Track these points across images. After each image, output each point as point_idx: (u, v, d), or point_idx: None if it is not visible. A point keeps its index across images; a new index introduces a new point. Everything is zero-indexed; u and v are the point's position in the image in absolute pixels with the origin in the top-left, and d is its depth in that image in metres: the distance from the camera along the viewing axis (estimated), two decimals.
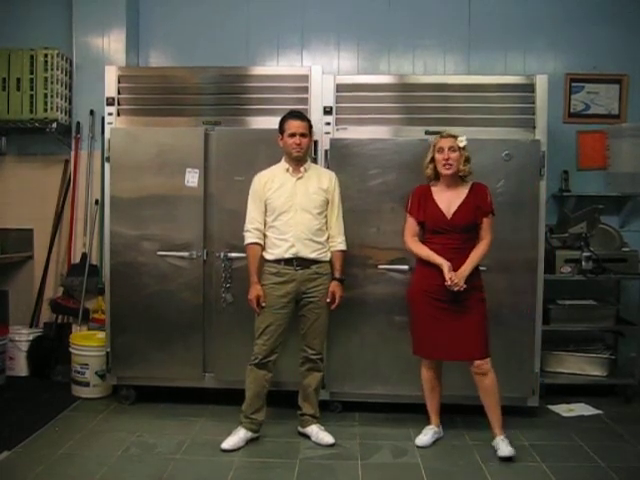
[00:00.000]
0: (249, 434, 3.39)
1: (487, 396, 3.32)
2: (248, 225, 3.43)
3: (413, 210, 3.40)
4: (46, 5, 4.69)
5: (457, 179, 3.34)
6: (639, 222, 4.58)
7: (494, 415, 3.32)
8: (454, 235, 3.28)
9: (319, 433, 3.44)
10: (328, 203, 3.45)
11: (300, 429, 3.52)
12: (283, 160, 3.46)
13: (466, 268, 3.24)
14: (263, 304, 3.36)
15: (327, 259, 3.45)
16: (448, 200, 3.32)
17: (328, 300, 3.43)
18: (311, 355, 3.46)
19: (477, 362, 3.27)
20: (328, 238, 3.46)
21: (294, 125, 3.37)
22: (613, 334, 4.44)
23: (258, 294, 3.35)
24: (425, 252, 3.33)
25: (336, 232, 3.48)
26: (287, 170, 3.42)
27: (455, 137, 3.31)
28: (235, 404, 3.55)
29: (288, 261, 3.36)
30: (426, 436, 3.43)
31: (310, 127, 3.46)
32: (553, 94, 3.92)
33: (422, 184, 3.45)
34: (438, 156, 3.32)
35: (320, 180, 3.44)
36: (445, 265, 3.22)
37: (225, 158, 3.82)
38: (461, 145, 3.29)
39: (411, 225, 3.42)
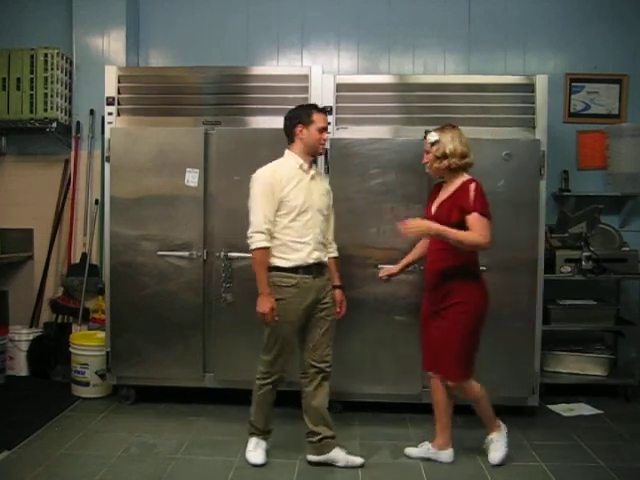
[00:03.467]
0: (266, 446, 3.21)
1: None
2: (261, 225, 3.00)
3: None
4: (46, 5, 4.70)
5: (449, 175, 3.11)
6: (639, 222, 4.58)
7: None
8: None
9: (347, 456, 3.14)
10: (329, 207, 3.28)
11: (316, 457, 3.15)
12: (291, 155, 3.12)
13: (436, 227, 2.95)
14: (276, 318, 3.01)
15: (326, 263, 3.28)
16: (440, 198, 3.15)
17: (338, 309, 3.29)
18: (326, 368, 3.16)
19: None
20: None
21: (324, 119, 3.11)
22: (613, 334, 4.44)
23: (273, 306, 2.99)
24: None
25: (332, 238, 3.31)
26: (301, 167, 3.09)
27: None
28: (235, 404, 3.55)
29: (307, 269, 3.05)
30: (415, 449, 3.28)
31: None
32: (553, 94, 3.93)
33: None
34: None
35: (323, 182, 3.28)
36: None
37: (225, 158, 3.82)
38: (431, 140, 3.08)
39: None
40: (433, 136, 3.09)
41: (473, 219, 2.96)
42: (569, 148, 4.56)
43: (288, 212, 3.04)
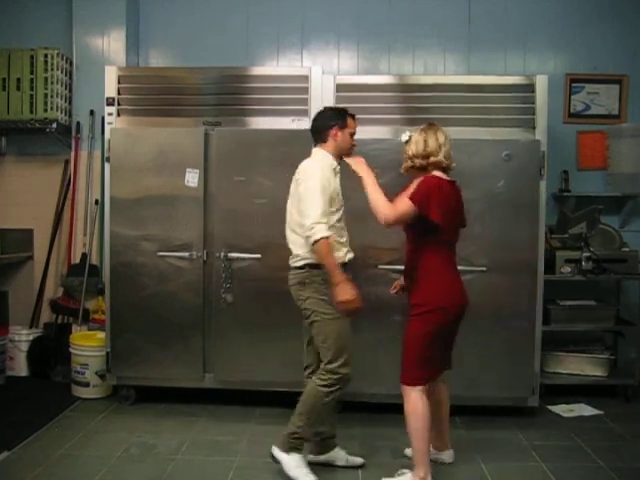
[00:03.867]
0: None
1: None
2: (320, 217, 2.85)
3: None
4: (46, 5, 4.70)
5: (419, 175, 2.95)
6: (639, 222, 4.58)
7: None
8: (407, 239, 3.04)
9: (348, 456, 3.13)
10: None
11: (316, 457, 3.12)
12: (324, 154, 3.06)
13: (366, 174, 2.93)
14: (357, 305, 2.88)
15: None
16: None
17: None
18: None
19: None
20: None
21: (355, 125, 3.13)
22: (613, 334, 4.44)
23: (356, 293, 2.85)
24: None
25: None
26: (334, 168, 3.05)
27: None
28: (235, 404, 3.54)
29: (342, 267, 2.95)
30: None
31: None
32: (553, 94, 3.92)
33: None
34: None
35: None
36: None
37: (225, 158, 3.81)
38: (402, 140, 3.01)
39: None
40: (404, 136, 3.02)
41: (402, 200, 2.84)
42: (569, 148, 4.56)
43: (336, 210, 3.01)
